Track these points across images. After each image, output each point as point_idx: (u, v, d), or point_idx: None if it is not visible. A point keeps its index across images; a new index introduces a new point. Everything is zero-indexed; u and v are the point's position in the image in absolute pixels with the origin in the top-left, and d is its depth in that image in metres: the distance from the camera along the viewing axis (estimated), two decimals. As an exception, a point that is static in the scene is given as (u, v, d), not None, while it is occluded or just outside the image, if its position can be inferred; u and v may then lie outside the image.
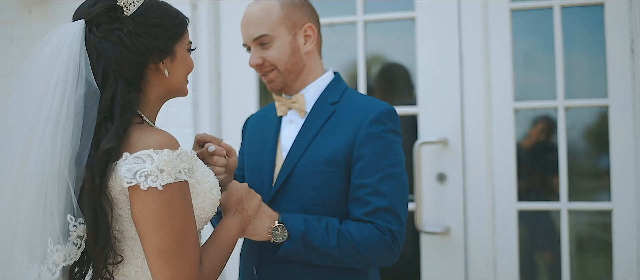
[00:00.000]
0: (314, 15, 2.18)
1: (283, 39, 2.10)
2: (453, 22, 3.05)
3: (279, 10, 2.10)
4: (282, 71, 2.12)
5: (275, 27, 2.09)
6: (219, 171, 1.97)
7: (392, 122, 2.05)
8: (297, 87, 2.16)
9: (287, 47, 2.10)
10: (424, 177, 3.05)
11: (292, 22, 2.11)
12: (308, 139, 2.08)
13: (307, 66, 2.15)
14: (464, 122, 3.03)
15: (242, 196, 1.94)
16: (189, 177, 1.68)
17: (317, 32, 2.17)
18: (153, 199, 1.60)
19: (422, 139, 3.02)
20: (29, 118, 1.63)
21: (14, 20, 3.71)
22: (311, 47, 2.14)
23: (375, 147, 2.00)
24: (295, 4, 2.13)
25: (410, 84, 3.17)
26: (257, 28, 2.10)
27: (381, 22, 3.22)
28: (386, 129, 2.03)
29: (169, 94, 1.86)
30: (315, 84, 2.17)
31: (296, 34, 2.12)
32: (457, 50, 3.05)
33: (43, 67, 1.66)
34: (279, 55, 2.10)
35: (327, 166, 2.03)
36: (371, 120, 2.02)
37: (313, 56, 2.17)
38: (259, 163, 2.18)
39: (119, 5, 1.72)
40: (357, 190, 2.00)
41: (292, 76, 2.13)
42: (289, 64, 2.11)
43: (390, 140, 2.03)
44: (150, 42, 1.73)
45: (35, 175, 1.59)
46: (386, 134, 2.02)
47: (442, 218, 3.05)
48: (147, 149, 1.61)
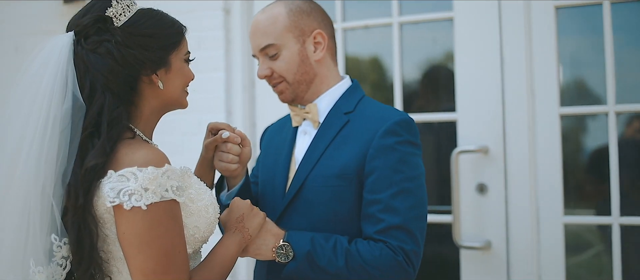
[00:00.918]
0: (324, 21, 2.06)
1: (291, 47, 1.99)
2: (493, 22, 2.85)
3: (285, 17, 1.99)
4: (291, 82, 2.01)
5: (282, 36, 1.99)
6: (232, 160, 1.92)
7: (407, 133, 1.91)
8: (309, 96, 2.05)
9: (296, 56, 2.00)
10: (462, 188, 2.87)
11: (299, 30, 2.00)
12: (319, 151, 1.97)
13: (319, 75, 2.04)
14: (505, 128, 2.83)
15: (244, 214, 1.85)
16: (177, 195, 1.59)
17: (329, 37, 2.05)
18: (136, 219, 1.53)
19: (460, 148, 2.84)
20: (16, 134, 1.59)
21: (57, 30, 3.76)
22: (321, 54, 2.02)
23: (389, 160, 1.87)
24: (303, 10, 2.02)
25: (452, 89, 2.98)
26: (264, 37, 2.00)
27: (417, 24, 3.06)
28: (401, 141, 1.89)
29: (166, 106, 1.79)
30: (330, 93, 2.05)
31: (305, 41, 2.01)
32: (498, 51, 2.85)
33: (30, 81, 1.62)
34: (287, 66, 2.00)
35: (337, 180, 1.91)
36: (384, 131, 1.89)
37: (325, 64, 2.05)
38: (271, 176, 2.08)
39: (109, 16, 1.66)
40: (369, 206, 1.88)
41: (302, 86, 2.03)
42: (298, 73, 2.01)
43: (405, 152, 1.89)
44: (141, 54, 1.67)
45: (20, 194, 1.55)
46: (400, 146, 1.88)
47: (483, 232, 2.86)
48: (131, 167, 1.54)
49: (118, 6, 1.68)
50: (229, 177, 2.01)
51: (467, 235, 2.87)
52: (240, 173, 1.99)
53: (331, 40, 2.06)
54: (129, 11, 1.69)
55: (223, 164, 1.94)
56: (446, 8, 2.97)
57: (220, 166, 1.95)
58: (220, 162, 1.94)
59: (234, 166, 1.93)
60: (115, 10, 1.68)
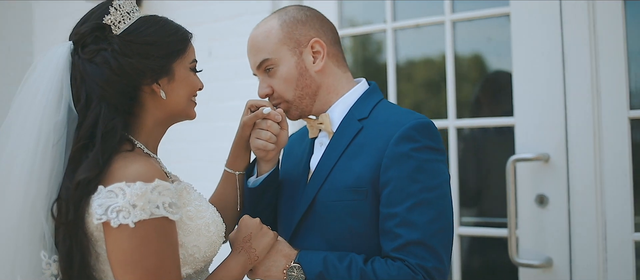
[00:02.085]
0: (323, 27, 1.92)
1: (287, 61, 1.88)
2: (554, 17, 2.58)
3: (278, 30, 1.88)
4: (292, 100, 1.90)
5: (276, 50, 1.88)
6: (270, 138, 1.85)
7: (426, 137, 1.74)
8: (319, 107, 1.93)
9: (293, 69, 1.88)
10: (520, 199, 2.63)
11: (295, 41, 1.88)
12: (331, 163, 1.84)
13: (324, 85, 1.91)
14: (568, 134, 2.56)
15: (252, 233, 1.75)
16: (170, 213, 1.51)
17: (330, 44, 1.92)
18: (124, 237, 1.46)
19: (517, 155, 2.59)
20: (11, 146, 1.56)
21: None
22: (322, 64, 1.89)
23: (404, 169, 1.71)
24: (298, 19, 1.90)
25: (509, 91, 2.74)
26: (258, 53, 1.90)
27: (471, 21, 2.84)
28: (417, 147, 1.72)
29: (170, 117, 1.72)
30: (343, 100, 1.92)
31: (302, 52, 1.88)
32: (559, 49, 2.58)
33: (26, 92, 1.60)
34: (286, 83, 1.88)
35: (351, 193, 1.77)
36: (398, 137, 1.74)
37: (329, 72, 1.92)
38: (289, 190, 1.96)
39: (107, 24, 1.60)
40: (386, 221, 1.72)
41: (306, 101, 1.91)
42: (299, 88, 1.89)
43: (423, 159, 1.72)
44: (140, 62, 1.60)
45: (12, 209, 1.52)
46: (417, 153, 1.72)
47: (543, 248, 2.60)
48: (121, 182, 1.47)
49: (117, 13, 1.63)
50: (261, 162, 1.93)
51: (525, 252, 2.62)
52: (273, 158, 1.92)
53: (333, 47, 1.93)
54: (129, 18, 1.63)
55: (261, 142, 1.86)
56: (502, 3, 2.73)
57: (257, 144, 1.87)
58: (257, 140, 1.87)
59: (271, 146, 1.86)
60: (114, 17, 1.62)
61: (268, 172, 1.92)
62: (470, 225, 2.90)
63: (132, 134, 1.65)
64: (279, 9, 1.95)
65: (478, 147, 2.98)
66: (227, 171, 1.97)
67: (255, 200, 1.93)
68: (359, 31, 3.20)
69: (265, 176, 1.92)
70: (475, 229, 2.88)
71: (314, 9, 1.95)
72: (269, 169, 1.93)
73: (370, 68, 3.24)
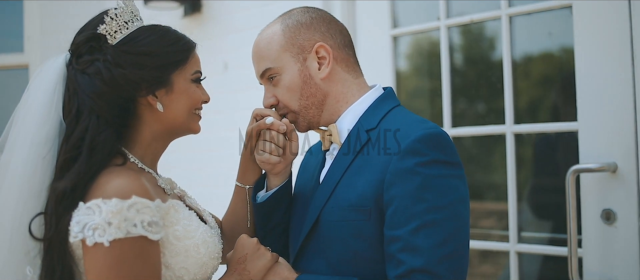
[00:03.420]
0: (330, 30, 1.75)
1: (290, 69, 1.73)
2: (622, 9, 2.27)
3: (280, 36, 1.74)
4: (298, 110, 1.75)
5: (278, 57, 1.73)
6: (273, 150, 1.72)
7: (434, 150, 1.55)
8: (328, 118, 1.77)
9: (296, 78, 1.73)
10: (584, 214, 2.34)
11: (298, 47, 1.73)
12: (335, 179, 1.68)
13: (332, 93, 1.75)
14: (638, 142, 2.24)
15: (247, 254, 1.65)
16: (150, 231, 1.44)
17: (338, 48, 1.75)
18: (98, 256, 1.40)
19: (579, 166, 2.30)
20: (6, 160, 1.55)
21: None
22: (327, 70, 1.73)
23: (408, 186, 1.53)
24: (302, 23, 1.74)
25: (572, 93, 2.45)
26: (261, 62, 1.76)
27: (530, 15, 2.57)
28: (424, 161, 1.54)
29: (170, 130, 1.66)
30: (353, 109, 1.75)
31: (306, 59, 1.73)
32: (627, 44, 2.26)
33: (22, 105, 1.59)
34: (289, 93, 1.74)
35: (353, 213, 1.61)
36: (402, 150, 1.56)
37: (336, 79, 1.75)
38: (299, 207, 1.83)
39: (102, 34, 1.56)
40: (389, 244, 1.55)
41: (312, 110, 1.75)
42: (303, 98, 1.74)
43: (430, 175, 1.53)
44: (133, 73, 1.55)
45: (3, 225, 1.50)
46: (423, 168, 1.53)
47: (609, 269, 2.30)
48: (99, 198, 1.42)
49: (112, 23, 1.58)
50: (270, 176, 1.80)
51: (590, 272, 2.33)
52: (282, 171, 1.78)
53: (342, 51, 1.76)
54: (126, 28, 1.58)
55: (264, 156, 1.73)
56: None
57: (260, 157, 1.74)
58: (261, 152, 1.74)
59: (276, 159, 1.72)
60: (109, 27, 1.57)
61: (277, 187, 1.79)
62: (527, 242, 2.63)
63: (127, 147, 1.60)
64: (286, 12, 1.80)
65: (537, 156, 2.70)
66: (237, 185, 1.86)
67: (265, 217, 1.81)
68: (410, 30, 3.00)
69: (273, 191, 1.78)
70: (532, 246, 2.61)
71: (322, 10, 1.80)
72: (279, 183, 1.79)
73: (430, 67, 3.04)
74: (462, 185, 1.58)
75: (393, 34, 3.01)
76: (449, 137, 1.60)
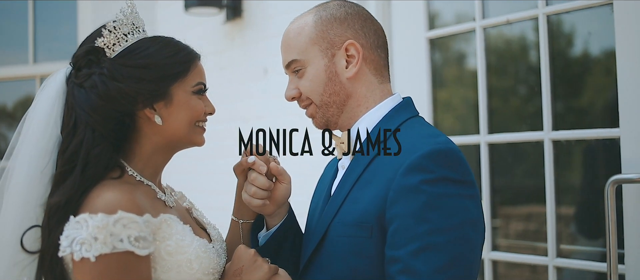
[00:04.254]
0: (365, 28, 1.65)
1: (316, 63, 1.64)
2: (667, 5, 2.09)
3: (311, 28, 1.64)
4: (319, 105, 1.65)
5: (306, 50, 1.64)
6: (254, 193, 1.63)
7: (442, 167, 1.45)
8: (345, 121, 1.67)
9: (321, 73, 1.63)
10: (627, 229, 2.16)
11: (328, 41, 1.63)
12: (344, 193, 1.60)
13: (355, 95, 1.65)
14: (685, 150, 2.05)
15: (243, 266, 1.59)
16: (137, 247, 1.42)
17: (369, 48, 1.64)
18: (85, 271, 1.40)
19: (619, 176, 2.13)
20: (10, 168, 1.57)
21: (222, 50, 3.84)
22: (355, 70, 1.62)
23: (412, 205, 1.43)
24: (336, 17, 1.64)
25: (613, 96, 2.28)
26: (288, 52, 1.68)
27: (568, 13, 2.41)
28: (430, 179, 1.44)
29: (171, 143, 1.64)
30: (368, 116, 1.65)
31: (334, 55, 1.63)
32: (673, 44, 2.08)
33: (24, 120, 1.60)
34: (312, 85, 1.64)
35: (355, 229, 1.53)
36: (407, 167, 1.46)
37: (362, 81, 1.65)
38: (311, 220, 1.76)
39: (100, 47, 1.56)
40: (389, 265, 1.46)
41: (332, 110, 1.65)
42: (325, 94, 1.64)
43: (435, 194, 1.43)
44: (129, 87, 1.53)
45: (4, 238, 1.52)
46: (429, 186, 1.43)
47: (654, 288, 2.11)
48: (86, 212, 1.42)
49: (111, 36, 1.57)
50: (265, 215, 1.73)
51: (633, 292, 2.15)
52: (274, 213, 1.70)
53: (374, 52, 1.65)
54: (125, 40, 1.58)
55: (246, 197, 1.65)
56: (602, -9, 2.28)
57: (245, 198, 1.65)
58: (243, 193, 1.66)
59: (257, 202, 1.63)
60: (107, 40, 1.57)
61: (275, 227, 1.71)
62: (566, 256, 2.47)
63: (126, 159, 1.59)
64: (322, 3, 1.71)
65: (575, 164, 2.52)
66: (232, 219, 1.80)
67: (272, 256, 1.70)
68: (446, 32, 2.88)
69: (273, 232, 1.71)
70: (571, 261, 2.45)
71: (360, 7, 1.69)
72: (276, 223, 1.72)
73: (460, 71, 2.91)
74: (473, 206, 1.47)
75: (428, 36, 2.90)
76: (460, 154, 1.49)
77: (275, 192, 1.65)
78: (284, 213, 1.72)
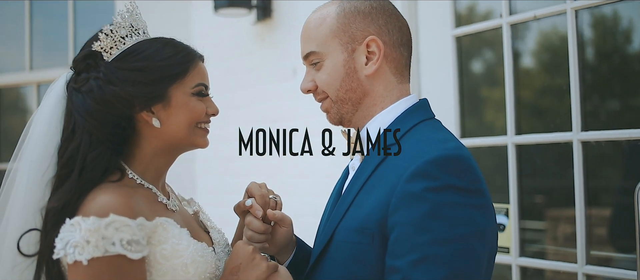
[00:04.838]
0: (389, 24, 1.59)
1: (335, 57, 1.57)
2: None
3: (333, 20, 1.58)
4: (335, 99, 1.60)
5: (326, 43, 1.58)
6: (251, 237, 1.64)
7: (449, 174, 1.39)
8: (359, 120, 1.62)
9: (340, 67, 1.57)
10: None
11: (349, 35, 1.57)
12: (351, 197, 1.55)
13: (372, 94, 1.59)
14: None
15: (241, 263, 1.56)
16: (130, 250, 1.41)
17: (391, 46, 1.58)
18: (78, 274, 1.40)
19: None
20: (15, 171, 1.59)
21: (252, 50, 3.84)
22: (374, 67, 1.56)
23: (414, 213, 1.38)
24: (360, 10, 1.58)
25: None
26: (307, 43, 1.62)
27: (596, 8, 2.29)
28: (435, 186, 1.37)
29: (172, 146, 1.62)
30: (381, 117, 1.59)
31: (354, 50, 1.57)
32: None
33: (29, 125, 1.61)
34: (329, 78, 1.58)
35: (358, 235, 1.48)
36: (411, 173, 1.40)
37: (381, 80, 1.59)
38: (322, 221, 1.72)
39: (97, 51, 1.56)
40: (389, 275, 1.41)
41: (347, 106, 1.59)
42: (342, 90, 1.58)
43: (439, 202, 1.37)
44: (124, 90, 1.52)
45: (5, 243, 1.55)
46: (433, 194, 1.37)
47: (688, 299, 1.99)
48: (80, 215, 1.42)
49: (107, 39, 1.57)
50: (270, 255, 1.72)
51: (664, 302, 2.03)
52: (278, 252, 1.70)
53: (396, 50, 1.59)
54: (123, 43, 1.57)
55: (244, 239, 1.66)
56: (633, -17, 2.16)
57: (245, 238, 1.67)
58: (244, 233, 1.67)
59: (256, 245, 1.63)
60: (104, 43, 1.57)
61: (286, 263, 1.72)
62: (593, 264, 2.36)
63: (127, 162, 1.58)
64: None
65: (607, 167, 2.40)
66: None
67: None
68: (472, 29, 2.79)
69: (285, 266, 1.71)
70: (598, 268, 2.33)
71: (386, 1, 1.61)
72: (286, 259, 1.72)
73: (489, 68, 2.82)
74: (480, 216, 1.40)
75: (455, 34, 2.82)
76: (470, 161, 1.42)
77: (275, 236, 1.65)
78: (291, 249, 1.71)
